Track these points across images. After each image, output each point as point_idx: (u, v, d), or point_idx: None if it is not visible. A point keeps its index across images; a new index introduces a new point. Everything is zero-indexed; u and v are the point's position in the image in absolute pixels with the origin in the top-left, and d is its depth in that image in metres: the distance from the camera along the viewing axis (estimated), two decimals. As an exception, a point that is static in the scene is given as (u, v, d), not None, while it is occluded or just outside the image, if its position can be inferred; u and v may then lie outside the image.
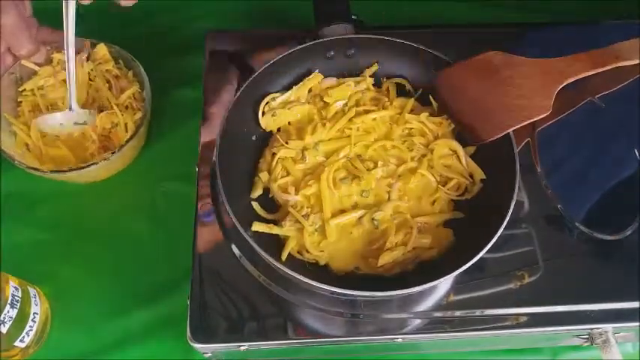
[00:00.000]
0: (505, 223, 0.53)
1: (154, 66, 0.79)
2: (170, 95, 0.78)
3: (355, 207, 0.58)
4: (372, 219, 0.57)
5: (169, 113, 0.77)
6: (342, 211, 0.58)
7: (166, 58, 0.81)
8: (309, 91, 0.65)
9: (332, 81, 0.65)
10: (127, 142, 0.66)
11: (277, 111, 0.63)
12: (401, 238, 0.57)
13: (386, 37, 0.65)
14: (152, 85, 0.78)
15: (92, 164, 0.64)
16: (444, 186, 0.60)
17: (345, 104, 0.64)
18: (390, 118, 0.62)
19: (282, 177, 0.60)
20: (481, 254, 0.52)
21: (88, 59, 0.72)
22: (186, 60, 0.80)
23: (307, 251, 0.56)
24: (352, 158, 0.60)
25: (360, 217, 0.58)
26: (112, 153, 0.65)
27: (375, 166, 0.60)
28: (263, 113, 0.63)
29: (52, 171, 0.65)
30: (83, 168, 0.64)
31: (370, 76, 0.66)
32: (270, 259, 0.53)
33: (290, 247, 0.56)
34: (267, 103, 0.63)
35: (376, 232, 0.57)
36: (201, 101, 0.67)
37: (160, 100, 0.78)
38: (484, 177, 0.60)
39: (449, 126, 0.62)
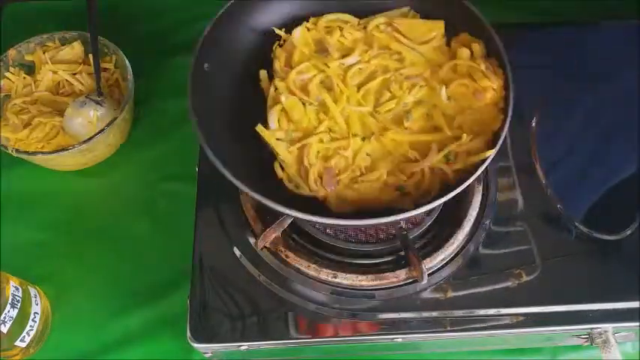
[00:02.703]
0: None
1: (155, 66, 0.80)
2: (170, 95, 0.78)
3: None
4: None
5: (170, 113, 0.77)
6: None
7: (167, 58, 0.81)
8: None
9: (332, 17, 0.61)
10: (113, 121, 0.68)
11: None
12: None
13: None
14: (152, 85, 0.79)
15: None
16: None
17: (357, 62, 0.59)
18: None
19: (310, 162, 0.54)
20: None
21: None
22: (186, 60, 0.80)
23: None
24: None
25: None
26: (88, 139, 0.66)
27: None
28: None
29: (17, 150, 0.67)
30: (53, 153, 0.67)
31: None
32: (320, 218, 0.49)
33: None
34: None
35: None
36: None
37: (161, 99, 0.78)
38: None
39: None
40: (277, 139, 0.55)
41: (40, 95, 0.73)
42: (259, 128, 0.55)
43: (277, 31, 0.60)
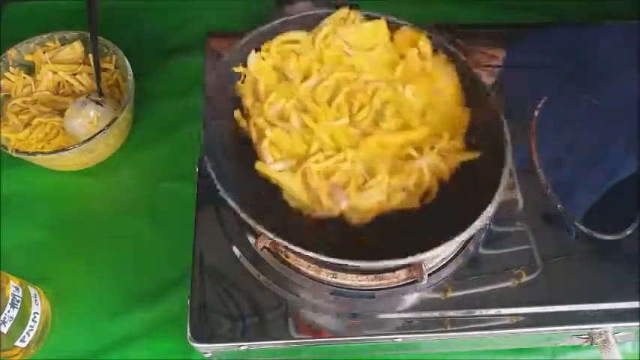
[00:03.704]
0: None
1: (154, 66, 0.80)
2: (170, 95, 0.78)
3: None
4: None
5: (170, 113, 0.77)
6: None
7: (166, 58, 0.81)
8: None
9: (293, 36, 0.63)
10: (114, 121, 0.68)
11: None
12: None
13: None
14: (152, 85, 0.79)
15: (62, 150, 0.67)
16: None
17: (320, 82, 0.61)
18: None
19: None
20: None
21: None
22: (186, 60, 0.80)
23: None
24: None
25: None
26: (88, 139, 0.66)
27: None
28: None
29: (16, 150, 0.67)
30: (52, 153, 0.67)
31: None
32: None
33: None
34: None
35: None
36: (202, 101, 0.67)
37: (161, 100, 0.78)
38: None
39: None
40: (279, 172, 0.56)
41: (40, 95, 0.73)
42: (259, 166, 0.56)
43: (235, 69, 0.61)
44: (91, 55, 0.72)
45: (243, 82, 0.61)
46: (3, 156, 0.70)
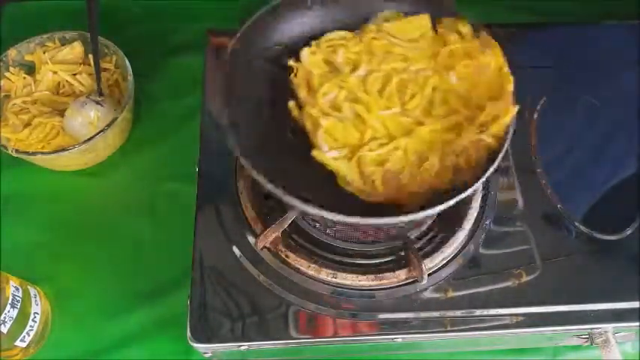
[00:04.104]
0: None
1: (154, 66, 0.80)
2: (170, 95, 0.78)
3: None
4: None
5: (170, 113, 0.77)
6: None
7: (166, 58, 0.81)
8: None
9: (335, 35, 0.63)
10: (114, 121, 0.68)
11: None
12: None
13: None
14: (152, 85, 0.79)
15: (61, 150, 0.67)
16: None
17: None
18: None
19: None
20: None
21: None
22: (186, 60, 0.80)
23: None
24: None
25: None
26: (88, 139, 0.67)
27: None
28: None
29: (17, 150, 0.67)
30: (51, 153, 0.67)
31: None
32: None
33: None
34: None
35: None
36: (202, 101, 0.67)
37: (161, 99, 0.78)
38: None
39: None
40: (334, 159, 0.56)
41: (40, 95, 0.73)
42: (316, 154, 0.55)
43: (290, 62, 0.60)
44: (91, 55, 0.72)
45: (296, 76, 0.61)
46: (3, 156, 0.70)
